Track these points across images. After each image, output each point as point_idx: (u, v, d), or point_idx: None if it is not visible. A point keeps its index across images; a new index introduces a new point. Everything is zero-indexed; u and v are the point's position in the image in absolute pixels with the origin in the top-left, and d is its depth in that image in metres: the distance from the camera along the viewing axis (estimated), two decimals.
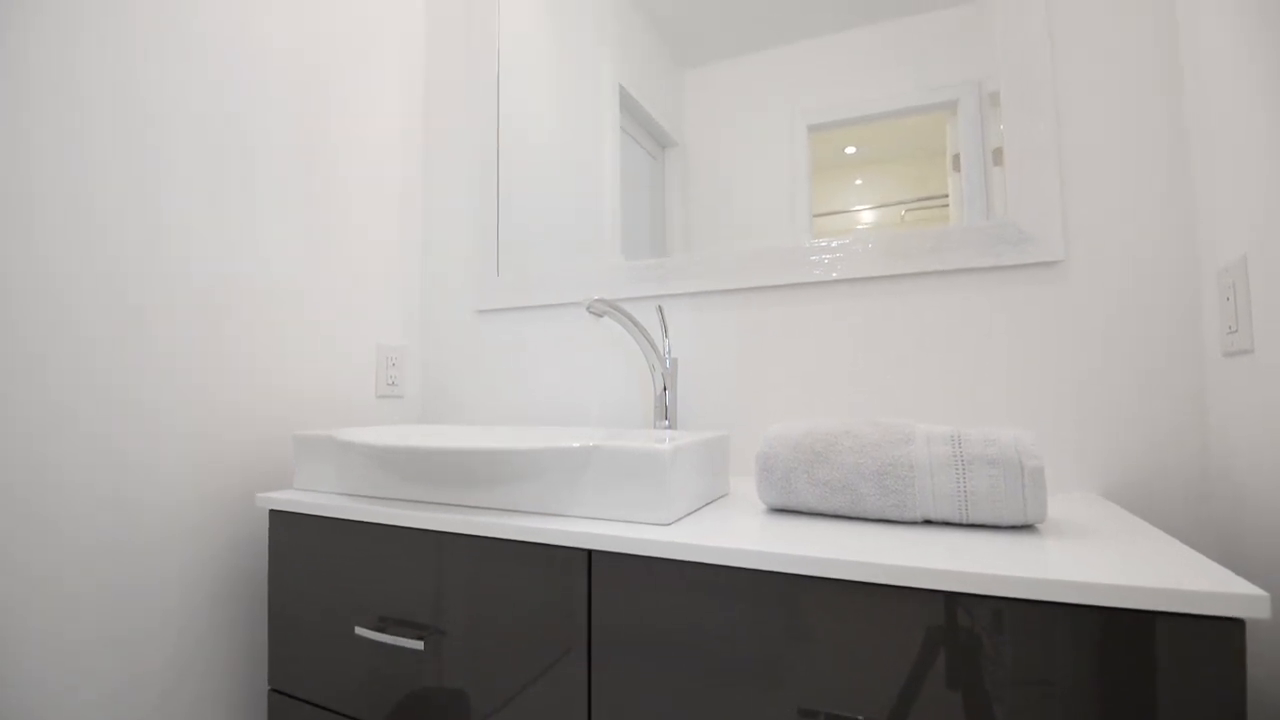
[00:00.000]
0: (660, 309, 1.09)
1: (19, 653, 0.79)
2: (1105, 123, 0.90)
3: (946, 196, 1.01)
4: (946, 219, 1.00)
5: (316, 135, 1.20)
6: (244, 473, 1.05)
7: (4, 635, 0.78)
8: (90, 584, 0.86)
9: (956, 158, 1.00)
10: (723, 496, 0.85)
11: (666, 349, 1.06)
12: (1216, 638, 0.45)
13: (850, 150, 1.07)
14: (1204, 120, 0.81)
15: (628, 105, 1.25)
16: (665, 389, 1.05)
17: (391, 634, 0.78)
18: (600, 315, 0.99)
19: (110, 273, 0.88)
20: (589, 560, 0.68)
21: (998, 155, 0.96)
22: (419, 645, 0.76)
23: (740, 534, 0.64)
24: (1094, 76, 0.91)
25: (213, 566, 1.00)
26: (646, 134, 1.24)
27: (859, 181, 1.07)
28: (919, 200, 1.03)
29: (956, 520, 0.65)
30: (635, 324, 1.02)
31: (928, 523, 0.67)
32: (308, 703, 0.88)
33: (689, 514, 0.73)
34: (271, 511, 0.92)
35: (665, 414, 1.05)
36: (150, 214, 0.93)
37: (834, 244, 1.03)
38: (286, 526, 0.91)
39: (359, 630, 0.80)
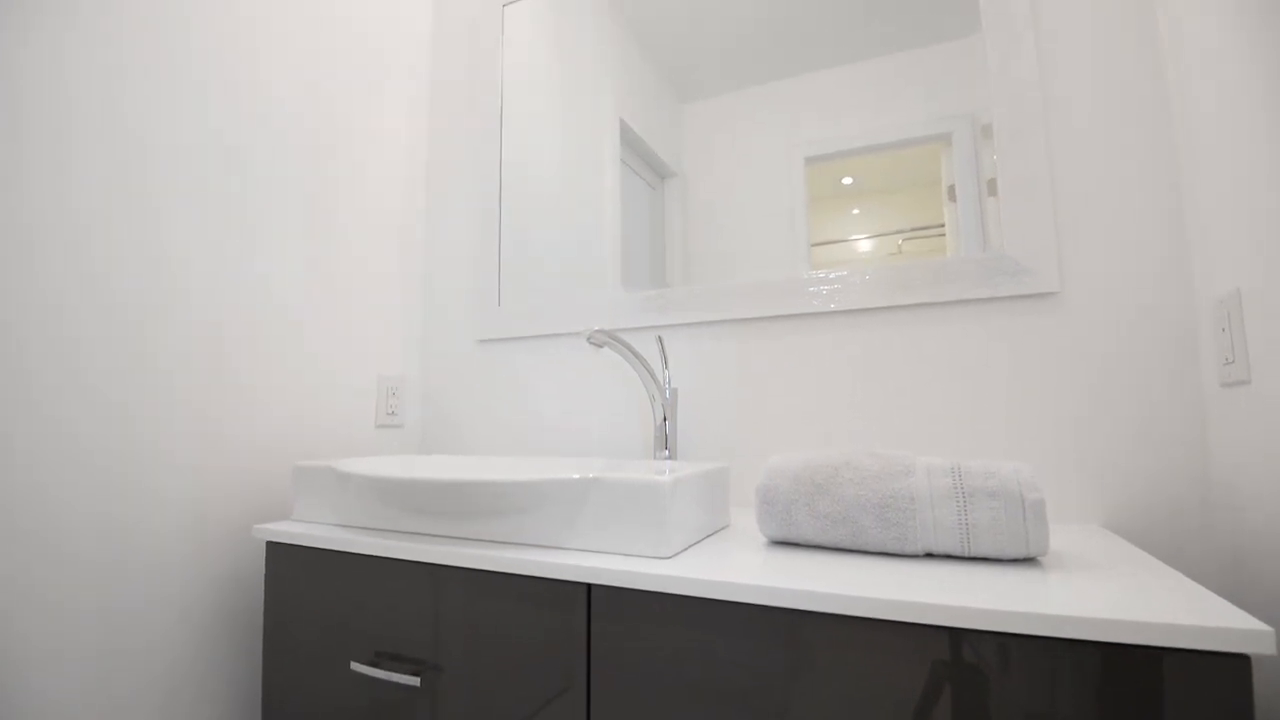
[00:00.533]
0: (660, 339, 1.09)
1: (21, 664, 0.79)
2: (1097, 155, 0.92)
3: (943, 226, 1.02)
4: (943, 248, 1.01)
5: (319, 166, 1.22)
6: (243, 502, 1.05)
7: (5, 648, 0.78)
8: (90, 603, 0.86)
9: (952, 188, 1.01)
10: (723, 529, 0.84)
11: (666, 379, 1.07)
12: (1222, 673, 0.45)
13: (847, 181, 1.09)
14: (1196, 152, 0.82)
15: (628, 137, 1.27)
16: (665, 419, 1.05)
17: (387, 669, 0.77)
18: (600, 346, 1.00)
19: (110, 304, 0.89)
20: (588, 594, 0.67)
21: (992, 186, 0.97)
22: (415, 681, 0.74)
23: (741, 568, 0.63)
24: (1085, 110, 0.93)
25: (209, 594, 0.99)
26: (646, 165, 1.25)
27: (856, 211, 1.08)
28: (915, 230, 1.04)
29: (958, 553, 0.64)
30: (635, 354, 1.03)
31: (929, 556, 0.67)
32: None
33: (689, 547, 0.73)
34: (269, 543, 0.92)
35: (665, 444, 1.05)
36: (150, 245, 0.94)
37: (832, 275, 1.04)
38: (284, 558, 0.90)
39: (354, 666, 0.79)
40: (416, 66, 1.48)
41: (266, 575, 0.91)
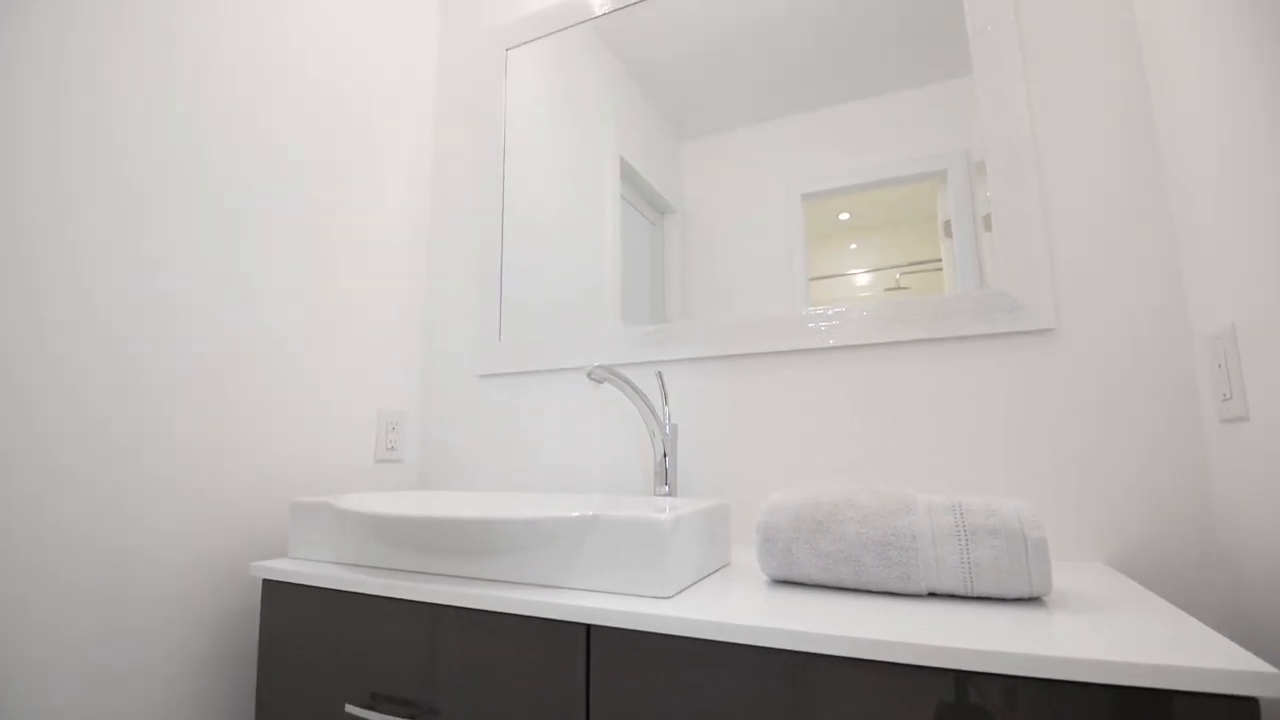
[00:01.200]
0: (660, 375, 1.09)
1: (20, 687, 0.79)
2: (1091, 192, 0.93)
3: (939, 260, 1.03)
4: (941, 282, 1.02)
5: (320, 198, 1.24)
6: (241, 536, 1.04)
7: (4, 672, 0.78)
8: (88, 630, 0.86)
9: (948, 224, 1.02)
10: (724, 566, 0.84)
11: (666, 415, 1.07)
12: (1230, 716, 0.44)
13: (844, 216, 1.10)
14: (1190, 188, 0.83)
15: (628, 175, 1.29)
16: (665, 455, 1.05)
17: (383, 712, 0.76)
18: (600, 382, 1.00)
19: (109, 338, 0.90)
20: (587, 635, 0.66)
21: (988, 221, 0.98)
22: None
23: (743, 608, 0.63)
24: (1078, 148, 0.94)
25: (205, 626, 0.98)
26: (646, 201, 1.27)
27: (853, 246, 1.09)
28: (913, 264, 1.05)
29: (961, 593, 0.63)
30: (635, 390, 1.03)
31: (932, 595, 0.66)
32: None
33: (690, 585, 0.72)
34: (265, 581, 0.91)
35: (665, 480, 1.04)
36: (148, 278, 0.95)
37: (831, 311, 1.05)
38: (280, 596, 0.89)
39: (349, 708, 0.78)
40: (420, 105, 1.51)
41: (262, 613, 0.90)
